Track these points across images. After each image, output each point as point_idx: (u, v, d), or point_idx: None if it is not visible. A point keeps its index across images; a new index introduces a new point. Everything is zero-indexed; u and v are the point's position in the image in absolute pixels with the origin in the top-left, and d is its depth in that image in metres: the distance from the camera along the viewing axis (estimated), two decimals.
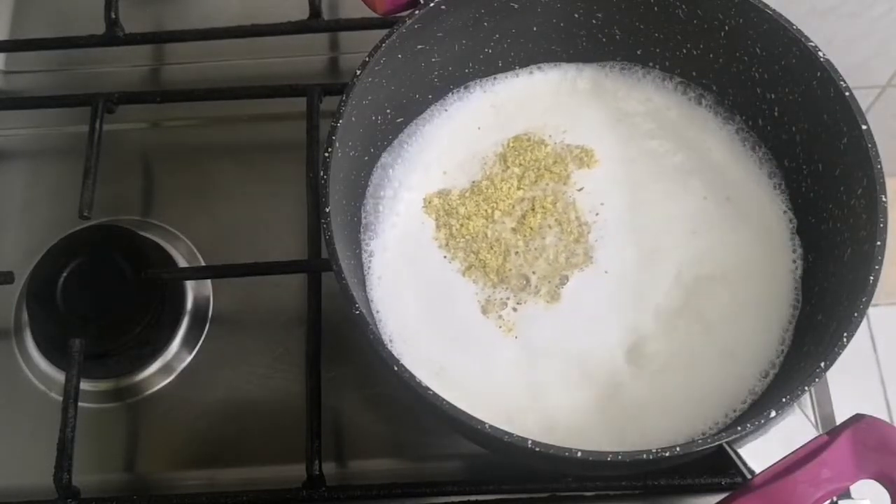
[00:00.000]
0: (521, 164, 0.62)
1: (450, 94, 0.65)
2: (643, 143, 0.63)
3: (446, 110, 0.64)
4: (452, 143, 0.64)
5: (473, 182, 0.62)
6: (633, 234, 0.60)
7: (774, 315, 0.58)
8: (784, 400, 0.47)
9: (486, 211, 0.61)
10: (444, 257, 0.60)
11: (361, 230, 0.60)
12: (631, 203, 0.61)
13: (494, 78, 0.65)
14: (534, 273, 0.59)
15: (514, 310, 0.58)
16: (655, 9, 0.61)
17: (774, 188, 0.61)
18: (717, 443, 0.48)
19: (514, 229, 0.61)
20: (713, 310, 0.58)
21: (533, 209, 0.61)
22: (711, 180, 0.61)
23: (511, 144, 0.63)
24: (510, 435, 0.47)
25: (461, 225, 0.61)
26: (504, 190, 0.62)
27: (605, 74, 0.65)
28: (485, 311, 0.58)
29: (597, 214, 0.61)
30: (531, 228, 0.60)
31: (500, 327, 0.58)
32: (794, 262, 0.59)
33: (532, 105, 0.65)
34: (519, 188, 0.62)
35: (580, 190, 0.62)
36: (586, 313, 0.58)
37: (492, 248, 0.60)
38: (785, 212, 0.60)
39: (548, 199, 0.61)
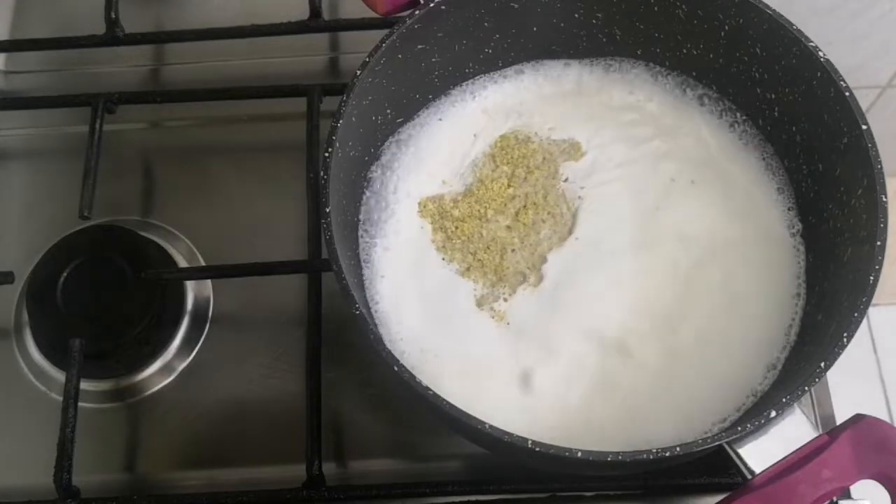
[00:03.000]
0: (509, 162, 0.63)
1: (444, 99, 0.65)
2: (624, 131, 0.63)
3: (440, 119, 0.64)
4: (447, 151, 0.64)
5: (466, 185, 0.63)
6: (607, 214, 0.60)
7: (775, 315, 0.58)
8: (784, 400, 0.47)
9: (479, 211, 0.61)
10: (443, 259, 0.60)
11: (362, 230, 0.60)
12: (609, 187, 0.62)
13: (485, 82, 0.65)
14: (529, 268, 0.59)
15: (505, 300, 0.58)
16: (655, 9, 0.61)
17: (775, 189, 0.61)
18: (717, 443, 0.48)
19: (508, 227, 0.61)
20: (713, 309, 0.58)
21: (525, 206, 0.61)
22: (690, 164, 0.62)
23: (499, 144, 0.64)
24: (510, 435, 0.47)
25: (456, 227, 0.61)
26: (495, 189, 0.62)
27: (590, 71, 0.65)
28: (479, 304, 0.58)
29: (579, 198, 0.61)
30: (525, 225, 0.61)
31: (493, 317, 0.58)
32: (795, 261, 0.59)
33: (521, 105, 0.65)
34: (510, 186, 0.62)
35: (566, 181, 0.62)
36: (570, 292, 0.58)
37: (488, 248, 0.60)
38: (786, 212, 0.60)
39: (539, 195, 0.62)
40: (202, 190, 0.71)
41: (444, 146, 0.64)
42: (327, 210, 0.52)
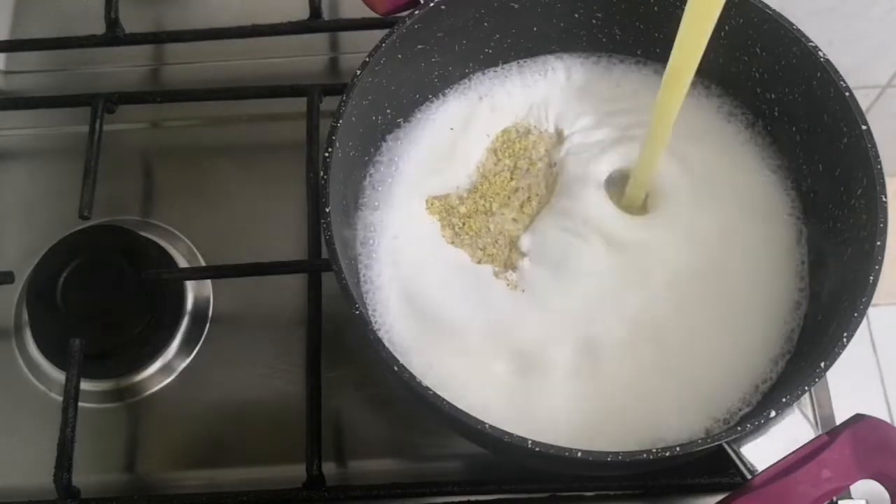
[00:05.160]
0: (511, 156, 0.63)
1: (444, 98, 0.65)
2: (619, 124, 0.64)
3: (441, 117, 0.64)
4: (447, 149, 0.64)
5: (471, 181, 0.63)
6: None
7: (774, 314, 0.58)
8: (784, 400, 0.47)
9: (484, 206, 0.62)
10: (454, 250, 0.60)
11: (364, 228, 0.60)
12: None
13: (485, 80, 0.65)
14: None
15: (513, 271, 0.60)
16: (655, 9, 0.61)
17: (775, 189, 0.61)
18: (717, 443, 0.48)
19: (514, 220, 0.61)
20: (712, 308, 0.58)
21: (529, 198, 0.62)
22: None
23: (500, 138, 0.64)
24: (510, 435, 0.47)
25: (463, 224, 0.61)
26: (498, 183, 0.62)
27: (587, 68, 0.66)
28: (496, 275, 0.59)
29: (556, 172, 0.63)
30: (529, 216, 0.61)
31: (508, 285, 0.59)
32: (796, 261, 0.59)
33: (521, 101, 0.65)
34: (512, 179, 0.63)
35: (553, 167, 0.63)
36: (558, 268, 0.59)
37: (496, 241, 0.61)
38: (786, 212, 0.60)
39: (541, 185, 0.62)
40: (202, 190, 0.71)
41: (445, 145, 0.64)
42: (327, 210, 0.52)
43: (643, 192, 0.60)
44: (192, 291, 0.67)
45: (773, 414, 0.47)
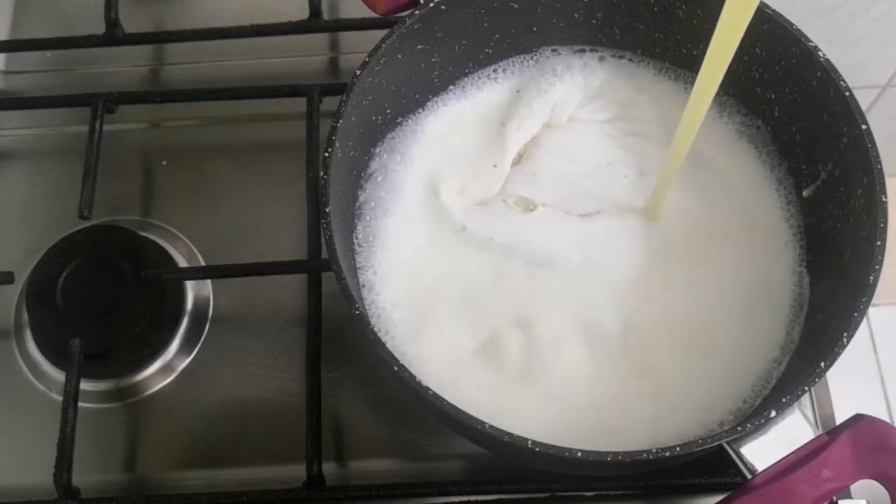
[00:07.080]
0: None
1: (444, 97, 0.65)
2: (617, 120, 0.64)
3: (442, 116, 0.64)
4: (448, 148, 0.64)
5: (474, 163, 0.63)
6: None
7: (774, 315, 0.58)
8: (784, 400, 0.47)
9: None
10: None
11: (365, 221, 0.60)
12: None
13: (484, 78, 0.66)
14: None
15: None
16: (655, 9, 0.61)
17: (775, 188, 0.61)
18: (717, 443, 0.48)
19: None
20: (711, 309, 0.58)
21: None
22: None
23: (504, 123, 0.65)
24: (510, 435, 0.47)
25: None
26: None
27: (588, 66, 0.66)
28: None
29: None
30: None
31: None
32: (796, 262, 0.59)
33: (519, 93, 0.65)
34: (519, 163, 0.63)
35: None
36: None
37: None
38: (786, 212, 0.60)
39: None
40: (202, 190, 0.71)
41: (445, 143, 0.64)
42: (327, 210, 0.52)
43: (665, 201, 0.60)
44: (192, 291, 0.67)
45: (773, 414, 0.47)
